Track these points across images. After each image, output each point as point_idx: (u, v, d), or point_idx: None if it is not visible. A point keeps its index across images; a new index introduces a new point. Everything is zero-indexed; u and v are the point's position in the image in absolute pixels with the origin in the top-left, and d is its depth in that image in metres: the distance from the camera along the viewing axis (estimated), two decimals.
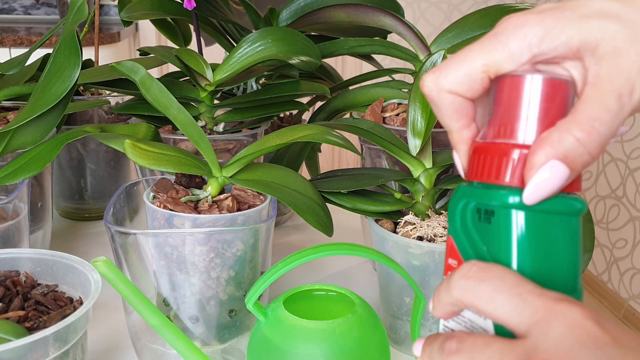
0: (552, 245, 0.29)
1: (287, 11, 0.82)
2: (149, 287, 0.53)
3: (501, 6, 0.75)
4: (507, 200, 0.29)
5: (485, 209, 0.30)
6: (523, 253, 0.29)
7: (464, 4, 2.88)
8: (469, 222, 0.31)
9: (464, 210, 0.31)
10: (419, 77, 0.62)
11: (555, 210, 0.29)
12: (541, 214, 0.29)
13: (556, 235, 0.30)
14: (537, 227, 0.29)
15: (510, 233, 0.29)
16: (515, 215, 0.29)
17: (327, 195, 0.60)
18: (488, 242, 0.30)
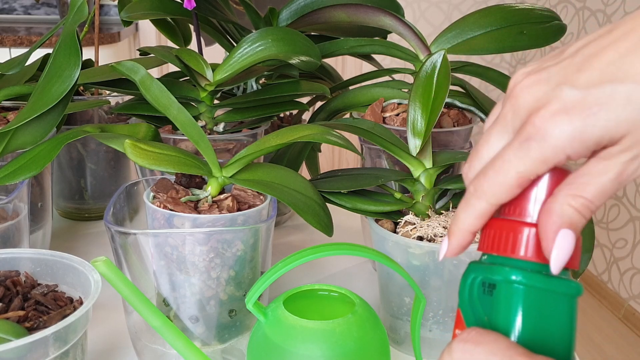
0: (548, 320, 0.32)
1: (287, 11, 0.82)
2: (149, 287, 0.53)
3: (501, 6, 0.75)
4: (510, 276, 0.32)
5: (489, 283, 0.33)
6: (519, 324, 0.32)
7: (464, 4, 2.88)
8: (475, 294, 0.34)
9: (471, 284, 0.34)
10: (418, 77, 0.62)
11: (554, 290, 0.32)
12: (540, 292, 0.32)
13: (552, 313, 0.32)
14: (534, 302, 0.32)
15: (509, 305, 0.32)
16: (515, 290, 0.32)
17: (327, 195, 0.60)
18: (489, 312, 0.33)
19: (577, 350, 1.34)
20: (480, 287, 0.34)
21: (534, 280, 0.32)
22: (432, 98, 0.61)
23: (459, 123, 0.73)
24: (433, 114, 0.60)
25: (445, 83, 0.61)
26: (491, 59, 2.98)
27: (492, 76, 0.77)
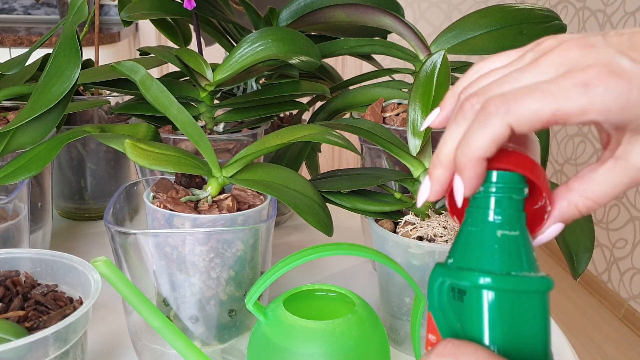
0: (522, 322, 0.32)
1: (287, 11, 0.82)
2: (149, 287, 0.53)
3: (501, 6, 0.75)
4: (478, 281, 0.32)
5: (458, 288, 0.32)
6: (494, 330, 0.31)
7: (464, 4, 2.88)
8: (444, 299, 0.33)
9: (440, 289, 0.33)
10: (418, 77, 0.62)
11: (522, 289, 0.32)
12: (509, 293, 0.31)
13: (525, 312, 0.32)
14: (506, 305, 0.31)
15: (482, 311, 0.31)
16: (486, 295, 0.31)
17: (327, 195, 0.60)
18: (461, 319, 0.32)
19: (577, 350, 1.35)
20: (449, 292, 0.33)
21: (503, 282, 0.31)
22: (432, 98, 0.61)
23: None
24: None
25: (445, 83, 0.61)
26: None
27: None
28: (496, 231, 0.33)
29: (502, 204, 0.34)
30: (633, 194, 2.25)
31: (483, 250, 0.33)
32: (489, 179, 0.34)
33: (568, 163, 2.66)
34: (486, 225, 0.33)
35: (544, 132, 0.74)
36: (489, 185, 0.34)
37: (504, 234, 0.33)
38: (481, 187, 0.34)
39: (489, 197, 0.34)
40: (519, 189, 0.34)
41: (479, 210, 0.34)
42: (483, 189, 0.34)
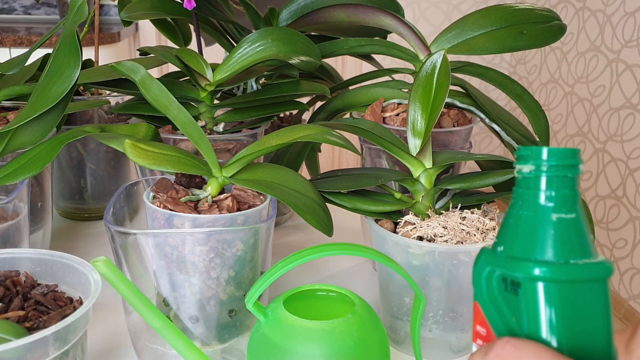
0: (583, 315, 0.29)
1: (287, 11, 0.82)
2: (149, 287, 0.53)
3: (501, 6, 0.75)
4: (534, 272, 0.29)
5: (511, 280, 0.30)
6: (554, 326, 0.29)
7: (464, 4, 2.88)
8: (495, 290, 0.31)
9: (489, 278, 0.31)
10: (418, 77, 0.62)
11: (584, 279, 0.29)
12: (570, 284, 0.29)
13: (587, 304, 0.29)
14: (566, 298, 0.29)
15: (540, 306, 0.29)
16: (543, 288, 0.29)
17: (327, 195, 0.60)
18: (516, 313, 0.30)
19: None
20: (501, 283, 0.30)
21: (562, 273, 0.29)
22: (432, 98, 0.61)
23: (459, 123, 0.73)
24: (433, 114, 0.60)
25: (445, 83, 0.61)
26: (491, 59, 2.98)
27: (492, 76, 0.76)
28: (551, 215, 0.30)
29: (555, 184, 0.30)
30: (633, 194, 2.25)
31: (537, 237, 0.30)
32: (539, 156, 0.31)
33: None
34: (539, 209, 0.30)
35: (544, 132, 0.74)
36: (540, 163, 0.31)
37: (559, 218, 0.30)
38: (531, 166, 0.31)
39: (541, 177, 0.31)
40: (574, 166, 0.31)
41: (530, 192, 0.31)
42: (535, 168, 0.31)
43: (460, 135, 0.73)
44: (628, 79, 2.29)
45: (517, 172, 0.32)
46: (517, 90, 0.76)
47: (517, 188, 0.32)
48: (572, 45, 2.63)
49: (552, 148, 0.31)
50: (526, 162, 0.31)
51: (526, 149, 0.31)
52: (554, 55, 2.76)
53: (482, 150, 3.00)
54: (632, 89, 2.26)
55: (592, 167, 2.48)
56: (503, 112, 0.77)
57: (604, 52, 2.42)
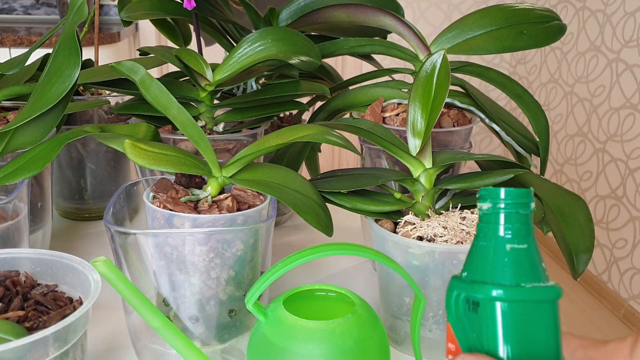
0: (534, 331, 0.34)
1: (287, 11, 0.82)
2: (149, 287, 0.53)
3: (501, 6, 0.75)
4: (490, 293, 0.34)
5: (472, 300, 0.35)
6: (508, 340, 0.33)
7: (464, 4, 2.88)
8: (461, 311, 0.35)
9: (456, 301, 0.36)
10: (418, 77, 0.62)
11: (533, 300, 0.34)
12: (521, 304, 0.34)
13: (537, 322, 0.34)
14: (518, 316, 0.34)
15: (495, 322, 0.34)
16: (498, 307, 0.34)
17: (327, 195, 0.60)
18: (477, 330, 0.35)
19: None
20: (465, 304, 0.35)
21: (514, 294, 0.33)
22: (432, 98, 0.61)
23: (459, 123, 0.73)
24: (433, 114, 0.60)
25: (445, 83, 0.61)
26: (491, 59, 2.98)
27: (492, 76, 0.76)
28: (505, 245, 0.35)
29: (510, 219, 0.36)
30: (633, 194, 2.25)
31: (494, 264, 0.35)
32: (497, 196, 0.36)
33: (568, 163, 2.66)
34: (496, 240, 0.36)
35: (544, 132, 0.74)
36: (497, 202, 0.36)
37: (512, 248, 0.35)
38: (489, 204, 0.36)
39: (498, 213, 0.36)
40: (526, 204, 0.36)
41: (489, 226, 0.36)
42: (492, 205, 0.36)
43: (460, 135, 0.73)
44: (628, 79, 2.29)
45: (478, 209, 0.37)
46: (517, 90, 0.76)
47: (480, 223, 0.37)
48: (572, 45, 2.63)
49: (508, 189, 0.36)
50: (485, 201, 0.36)
51: (485, 190, 0.37)
52: (554, 55, 2.76)
53: (482, 150, 3.00)
54: (632, 89, 2.26)
55: (592, 167, 2.48)
56: (503, 112, 0.77)
57: (604, 52, 2.42)
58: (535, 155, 0.76)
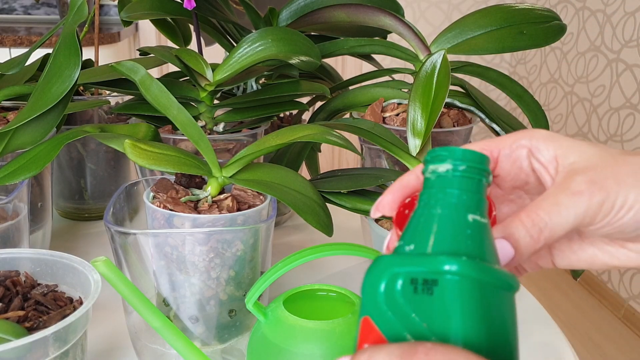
0: (499, 320, 0.27)
1: (287, 11, 0.82)
2: (149, 287, 0.53)
3: (501, 6, 0.75)
4: (462, 266, 0.26)
5: (425, 279, 0.26)
6: (474, 325, 0.26)
7: (464, 4, 2.88)
8: (398, 297, 0.27)
9: (391, 284, 0.27)
10: (418, 77, 0.62)
11: (502, 284, 0.27)
12: (489, 286, 0.27)
13: (502, 309, 0.27)
14: (487, 299, 0.26)
15: (463, 304, 0.26)
16: (465, 284, 0.26)
17: (327, 195, 0.60)
18: (428, 316, 0.26)
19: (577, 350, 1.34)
20: (408, 287, 0.26)
21: (483, 272, 0.26)
22: (432, 98, 0.61)
23: (459, 123, 0.73)
24: (433, 114, 0.60)
25: (445, 83, 0.61)
26: (491, 59, 2.98)
27: (492, 76, 0.77)
28: (468, 214, 0.29)
29: (475, 187, 0.30)
30: None
31: (455, 235, 0.28)
32: (456, 157, 0.30)
33: None
34: (455, 208, 0.29)
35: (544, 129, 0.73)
36: (462, 164, 0.30)
37: (475, 219, 0.29)
38: (450, 165, 0.30)
39: (461, 177, 0.30)
40: (487, 173, 0.31)
41: (446, 191, 0.29)
42: (453, 167, 0.30)
43: (460, 135, 0.73)
44: (628, 79, 2.29)
45: (430, 172, 0.30)
46: (517, 90, 0.76)
47: (430, 188, 0.30)
48: (572, 45, 2.63)
49: (473, 151, 0.30)
50: (443, 162, 0.30)
51: (444, 149, 0.30)
52: (554, 55, 2.76)
53: None
54: (632, 89, 2.26)
55: None
56: (503, 112, 0.77)
57: (604, 52, 2.42)
58: None
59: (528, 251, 0.31)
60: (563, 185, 0.32)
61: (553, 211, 0.31)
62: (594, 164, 0.32)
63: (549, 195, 0.31)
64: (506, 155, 0.35)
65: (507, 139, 0.35)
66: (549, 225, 0.30)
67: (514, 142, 0.35)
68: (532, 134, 0.35)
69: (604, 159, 0.33)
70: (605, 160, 0.33)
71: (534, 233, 0.30)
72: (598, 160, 0.33)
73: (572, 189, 0.31)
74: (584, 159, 0.33)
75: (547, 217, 0.31)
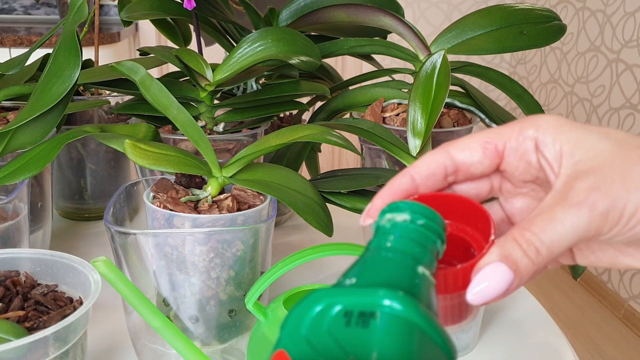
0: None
1: (287, 11, 0.82)
2: (149, 287, 0.53)
3: (501, 6, 0.75)
4: (407, 303, 0.25)
5: (361, 311, 0.25)
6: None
7: (464, 4, 2.88)
8: (326, 330, 0.25)
9: (321, 316, 0.26)
10: (418, 77, 0.62)
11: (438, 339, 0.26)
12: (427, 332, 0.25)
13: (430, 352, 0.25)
14: (421, 343, 0.25)
15: (399, 340, 0.25)
16: (404, 322, 0.25)
17: (327, 195, 0.60)
18: (359, 351, 0.25)
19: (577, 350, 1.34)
20: (341, 319, 0.25)
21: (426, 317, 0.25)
22: (432, 98, 0.61)
23: (459, 123, 0.73)
24: (433, 114, 0.60)
25: (445, 83, 0.61)
26: (491, 59, 2.98)
27: (492, 76, 0.77)
28: (417, 266, 0.28)
29: (426, 242, 0.29)
30: None
31: (403, 278, 0.27)
32: (416, 210, 0.30)
33: None
34: (406, 256, 0.28)
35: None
36: (417, 217, 0.30)
37: (424, 274, 0.28)
38: (407, 215, 0.29)
39: (414, 229, 0.29)
40: (442, 239, 0.30)
41: (399, 239, 0.29)
42: (410, 218, 0.29)
43: (460, 135, 0.73)
44: (628, 79, 2.29)
45: (386, 220, 0.30)
46: (517, 90, 0.76)
47: (383, 234, 0.30)
48: (572, 45, 2.63)
49: (431, 209, 0.30)
50: (401, 212, 0.30)
51: (404, 202, 0.30)
52: (554, 55, 2.76)
53: None
54: (632, 89, 2.26)
55: None
56: (503, 112, 0.77)
57: (604, 52, 2.42)
58: None
59: (528, 274, 0.28)
60: (560, 195, 0.28)
61: (548, 228, 0.27)
62: (601, 163, 0.28)
63: (544, 208, 0.28)
64: (512, 148, 0.32)
65: (512, 129, 0.32)
66: (545, 244, 0.27)
67: (520, 133, 0.32)
68: (539, 124, 0.31)
69: (615, 156, 0.28)
70: (616, 159, 0.28)
71: (531, 254, 0.27)
72: (607, 159, 0.28)
73: (570, 200, 0.28)
74: (591, 157, 0.29)
75: (543, 235, 0.27)
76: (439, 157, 0.32)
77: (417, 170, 0.32)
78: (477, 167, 0.32)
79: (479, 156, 0.32)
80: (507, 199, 0.34)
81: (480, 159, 0.32)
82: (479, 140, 0.32)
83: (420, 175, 0.32)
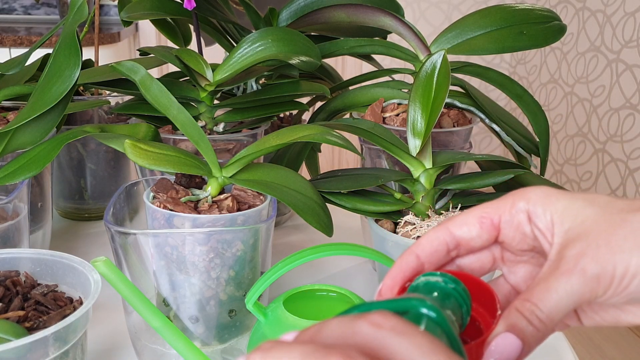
0: None
1: (287, 11, 0.82)
2: (149, 287, 0.53)
3: (501, 6, 0.75)
4: (437, 311, 0.26)
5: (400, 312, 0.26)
6: None
7: (464, 4, 2.88)
8: None
9: None
10: (418, 77, 0.62)
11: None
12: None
13: None
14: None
15: None
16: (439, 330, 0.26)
17: (327, 195, 0.60)
18: None
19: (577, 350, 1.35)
20: None
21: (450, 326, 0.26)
22: (432, 98, 0.61)
23: (459, 123, 0.73)
24: (433, 114, 0.60)
25: (445, 83, 0.61)
26: (491, 59, 2.98)
27: (492, 76, 0.76)
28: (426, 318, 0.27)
29: (453, 306, 0.30)
30: (633, 194, 2.25)
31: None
32: (449, 278, 0.31)
33: (568, 163, 2.66)
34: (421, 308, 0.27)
35: (544, 132, 0.74)
36: (448, 281, 0.31)
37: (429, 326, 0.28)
38: (439, 278, 0.31)
39: (445, 290, 0.30)
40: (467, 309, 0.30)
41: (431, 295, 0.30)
42: (442, 280, 0.31)
43: (460, 135, 0.73)
44: (628, 79, 2.29)
45: (420, 280, 0.31)
46: (517, 90, 0.76)
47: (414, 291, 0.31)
48: (572, 46, 2.63)
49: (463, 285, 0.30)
50: (435, 275, 0.31)
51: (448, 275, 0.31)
52: (554, 55, 2.76)
53: (482, 150, 3.00)
54: (632, 89, 2.26)
55: (592, 167, 2.48)
56: (503, 112, 0.77)
57: (604, 52, 2.42)
58: (535, 155, 0.76)
59: (535, 340, 0.29)
60: (554, 264, 0.30)
61: (545, 298, 0.29)
62: (587, 229, 0.30)
63: (540, 279, 0.30)
64: (507, 221, 0.34)
65: (505, 203, 0.34)
66: (545, 312, 0.29)
67: (513, 206, 0.33)
68: (529, 197, 0.33)
69: (599, 221, 0.30)
70: (600, 224, 0.30)
71: (535, 322, 0.29)
72: (592, 224, 0.30)
73: (561, 269, 0.29)
74: (578, 224, 0.31)
75: (541, 304, 0.29)
76: (440, 235, 0.34)
77: (421, 248, 0.34)
78: (477, 241, 0.34)
79: (477, 231, 0.34)
80: (510, 268, 0.36)
81: (478, 233, 0.34)
82: (476, 216, 0.34)
83: (424, 253, 0.34)
